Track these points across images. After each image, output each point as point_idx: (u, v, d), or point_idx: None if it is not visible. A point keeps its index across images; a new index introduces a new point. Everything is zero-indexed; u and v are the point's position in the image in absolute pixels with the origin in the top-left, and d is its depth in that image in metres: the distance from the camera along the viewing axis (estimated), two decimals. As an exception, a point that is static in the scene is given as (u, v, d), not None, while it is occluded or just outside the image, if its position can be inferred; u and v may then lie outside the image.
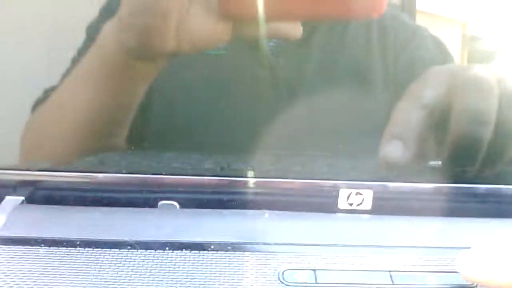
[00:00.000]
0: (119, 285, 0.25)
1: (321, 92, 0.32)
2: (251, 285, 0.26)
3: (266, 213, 0.31)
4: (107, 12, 0.29)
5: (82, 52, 0.30)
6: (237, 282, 0.26)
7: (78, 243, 0.28)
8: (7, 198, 0.31)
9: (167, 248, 0.27)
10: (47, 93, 0.31)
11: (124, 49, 0.29)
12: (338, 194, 0.31)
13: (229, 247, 0.28)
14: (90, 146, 0.32)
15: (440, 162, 0.32)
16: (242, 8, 0.28)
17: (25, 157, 0.32)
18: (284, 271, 0.27)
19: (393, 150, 0.30)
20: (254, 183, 0.31)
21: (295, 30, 0.29)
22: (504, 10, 0.33)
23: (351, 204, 0.31)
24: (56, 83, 0.31)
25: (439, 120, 0.30)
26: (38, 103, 0.31)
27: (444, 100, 0.30)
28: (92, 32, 0.30)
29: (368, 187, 0.31)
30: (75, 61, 0.30)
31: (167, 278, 0.26)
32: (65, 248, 0.27)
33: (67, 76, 0.30)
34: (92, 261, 0.27)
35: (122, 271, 0.26)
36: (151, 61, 0.30)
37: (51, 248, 0.27)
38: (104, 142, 0.32)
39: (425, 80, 0.31)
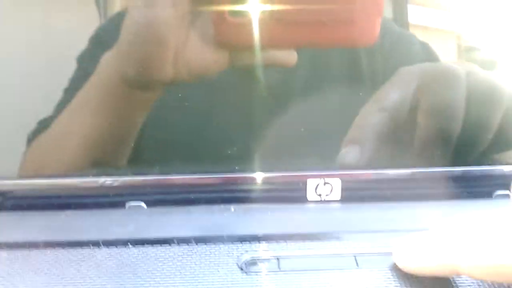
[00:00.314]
0: (80, 282, 0.25)
1: (299, 94, 0.32)
2: (213, 275, 0.25)
3: (232, 207, 0.30)
4: (100, 42, 0.30)
5: (75, 82, 0.30)
6: (199, 274, 0.25)
7: (40, 244, 0.27)
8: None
9: (129, 245, 0.27)
10: (42, 123, 0.31)
11: (123, 79, 0.30)
12: (306, 185, 0.31)
13: (193, 241, 0.27)
14: (86, 167, 0.32)
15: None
16: (239, 37, 0.29)
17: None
18: (246, 260, 0.26)
19: (349, 154, 0.30)
20: (221, 178, 0.31)
21: (290, 57, 0.30)
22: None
23: (320, 195, 0.31)
24: (50, 114, 0.31)
25: (404, 120, 0.30)
26: (34, 134, 0.31)
27: (409, 99, 0.30)
28: (84, 62, 0.30)
29: (336, 176, 0.31)
30: (69, 91, 0.31)
31: (129, 273, 0.25)
32: (26, 250, 0.27)
33: (64, 106, 0.31)
34: (53, 261, 0.26)
35: (83, 268, 0.26)
36: (150, 90, 0.30)
37: (12, 250, 0.27)
38: (101, 163, 0.32)
39: (390, 82, 0.31)
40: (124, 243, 0.27)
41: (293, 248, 0.27)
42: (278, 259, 0.26)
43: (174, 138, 0.32)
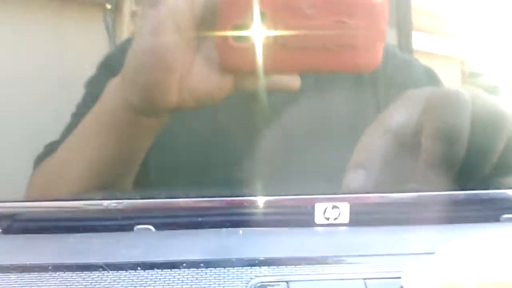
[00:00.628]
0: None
1: (304, 117, 0.33)
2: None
3: (241, 231, 0.30)
4: (107, 69, 0.30)
5: (82, 107, 0.31)
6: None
7: (49, 267, 0.27)
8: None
9: (139, 268, 0.27)
10: (49, 147, 0.32)
11: (128, 106, 0.30)
12: (314, 209, 0.31)
13: (202, 264, 0.27)
14: (94, 190, 0.32)
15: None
16: (243, 62, 0.29)
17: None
18: (255, 284, 0.26)
19: (355, 177, 0.31)
20: (229, 202, 0.31)
21: (294, 82, 0.30)
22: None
23: (328, 219, 0.31)
24: (58, 138, 0.32)
25: (409, 143, 0.31)
26: (41, 158, 0.32)
27: (414, 122, 0.30)
28: (92, 88, 0.31)
29: (344, 200, 0.31)
30: (76, 116, 0.31)
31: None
32: (36, 273, 0.27)
33: (70, 131, 0.31)
34: (62, 284, 0.26)
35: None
36: (155, 116, 0.31)
37: (22, 274, 0.27)
38: (108, 186, 0.32)
39: (395, 104, 0.31)
40: (132, 266, 0.27)
41: (303, 272, 0.27)
42: (287, 282, 0.26)
43: (181, 162, 0.32)
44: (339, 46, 0.29)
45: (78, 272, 0.27)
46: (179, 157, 0.32)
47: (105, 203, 0.31)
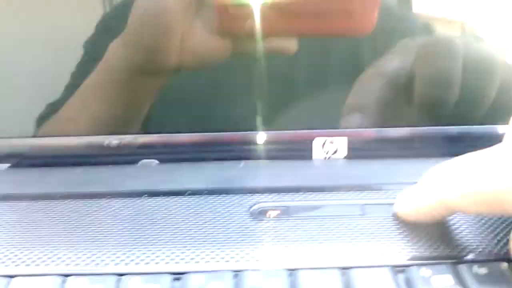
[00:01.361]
0: (96, 230, 0.26)
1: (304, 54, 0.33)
2: (225, 222, 0.26)
3: (242, 163, 0.31)
4: (107, 30, 0.31)
5: (82, 67, 0.31)
6: (212, 221, 0.26)
7: (58, 196, 0.29)
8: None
9: (145, 196, 0.28)
10: (50, 107, 0.32)
11: (130, 66, 0.31)
12: (312, 143, 0.32)
13: (205, 192, 0.29)
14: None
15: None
16: (240, 26, 0.30)
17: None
18: (256, 208, 0.27)
19: (352, 120, 0.32)
20: (230, 136, 0.32)
21: (291, 45, 0.31)
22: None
23: (327, 152, 0.32)
24: (59, 98, 0.32)
25: (402, 87, 0.31)
26: (43, 118, 0.33)
27: (408, 68, 0.31)
28: (92, 48, 0.31)
29: (342, 134, 0.32)
30: (77, 75, 0.32)
31: (145, 220, 0.27)
32: (46, 201, 0.28)
33: (72, 91, 0.32)
34: (71, 211, 0.27)
35: (101, 216, 0.27)
36: (155, 76, 0.32)
37: (31, 201, 0.28)
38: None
39: (389, 52, 0.32)
40: (139, 194, 0.28)
41: (302, 199, 0.28)
42: (287, 207, 0.27)
43: (185, 99, 0.33)
44: (334, 11, 0.30)
45: (86, 200, 0.28)
46: (183, 93, 0.33)
47: (110, 138, 0.32)
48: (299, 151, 0.33)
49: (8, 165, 0.32)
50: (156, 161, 0.32)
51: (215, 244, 0.24)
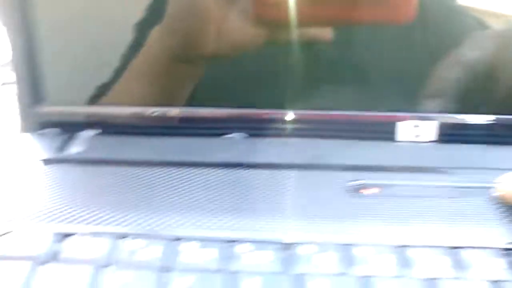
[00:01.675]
0: (188, 196, 0.27)
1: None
2: (321, 196, 0.27)
3: (331, 142, 0.31)
4: (152, 16, 0.31)
5: (131, 50, 0.32)
6: (308, 194, 0.27)
7: (153, 163, 0.29)
8: (85, 131, 0.33)
9: (238, 167, 0.29)
10: (100, 89, 0.33)
11: (168, 53, 0.32)
12: (395, 126, 0.32)
13: (298, 167, 0.29)
14: None
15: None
16: (275, 13, 0.30)
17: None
18: (352, 185, 0.28)
19: (433, 107, 0.32)
20: (319, 114, 0.32)
21: (325, 32, 0.31)
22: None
23: (417, 136, 0.32)
24: (108, 80, 0.33)
25: (482, 75, 0.31)
26: (93, 100, 0.33)
27: (487, 59, 0.31)
28: (138, 31, 0.32)
29: (430, 119, 0.32)
30: (125, 58, 0.32)
31: (239, 188, 0.27)
32: (140, 167, 0.29)
33: (121, 72, 0.33)
34: (163, 178, 0.28)
35: (194, 184, 0.28)
36: (193, 64, 0.32)
37: (120, 167, 0.29)
38: None
39: (469, 41, 0.32)
40: (232, 165, 0.29)
41: (397, 178, 0.28)
42: (383, 186, 0.27)
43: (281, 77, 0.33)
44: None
45: (179, 167, 0.29)
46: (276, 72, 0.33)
47: (200, 110, 0.33)
48: (389, 134, 0.32)
49: (98, 131, 0.33)
50: (246, 135, 0.32)
51: (321, 217, 0.25)
